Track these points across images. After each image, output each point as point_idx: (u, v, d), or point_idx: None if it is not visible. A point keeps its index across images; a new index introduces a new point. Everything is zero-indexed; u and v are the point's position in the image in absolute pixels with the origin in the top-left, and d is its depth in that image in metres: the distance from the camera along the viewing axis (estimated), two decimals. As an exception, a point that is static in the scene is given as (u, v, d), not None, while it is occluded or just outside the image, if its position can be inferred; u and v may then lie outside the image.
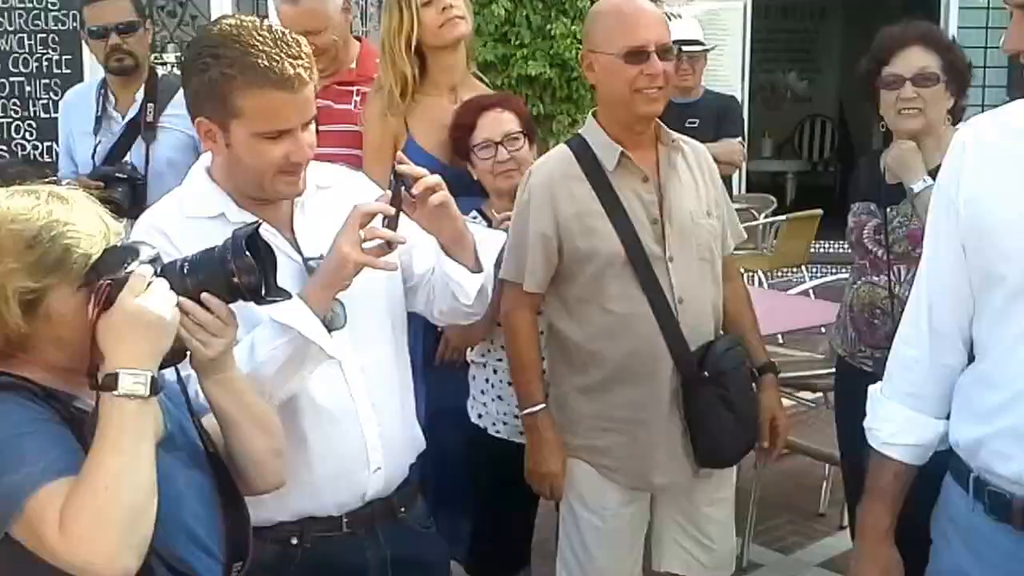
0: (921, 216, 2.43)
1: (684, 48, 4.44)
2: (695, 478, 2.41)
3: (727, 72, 6.90)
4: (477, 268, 1.85)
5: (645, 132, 2.33)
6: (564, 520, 2.46)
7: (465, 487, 2.69)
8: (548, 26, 6.11)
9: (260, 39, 1.65)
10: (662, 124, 2.36)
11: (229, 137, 1.69)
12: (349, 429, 1.80)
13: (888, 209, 2.58)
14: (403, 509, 1.90)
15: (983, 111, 1.72)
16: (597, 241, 2.28)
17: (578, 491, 2.40)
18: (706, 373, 2.30)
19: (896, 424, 1.74)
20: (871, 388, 1.82)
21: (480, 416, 2.66)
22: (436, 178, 1.78)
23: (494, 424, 2.63)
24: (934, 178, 2.39)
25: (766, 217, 6.76)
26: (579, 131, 2.43)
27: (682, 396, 2.32)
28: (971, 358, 1.67)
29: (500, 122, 2.66)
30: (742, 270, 4.22)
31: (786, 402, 3.45)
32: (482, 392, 2.65)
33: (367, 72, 3.09)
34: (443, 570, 2.01)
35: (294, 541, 1.79)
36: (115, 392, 1.30)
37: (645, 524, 2.47)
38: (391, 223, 1.71)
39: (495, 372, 2.62)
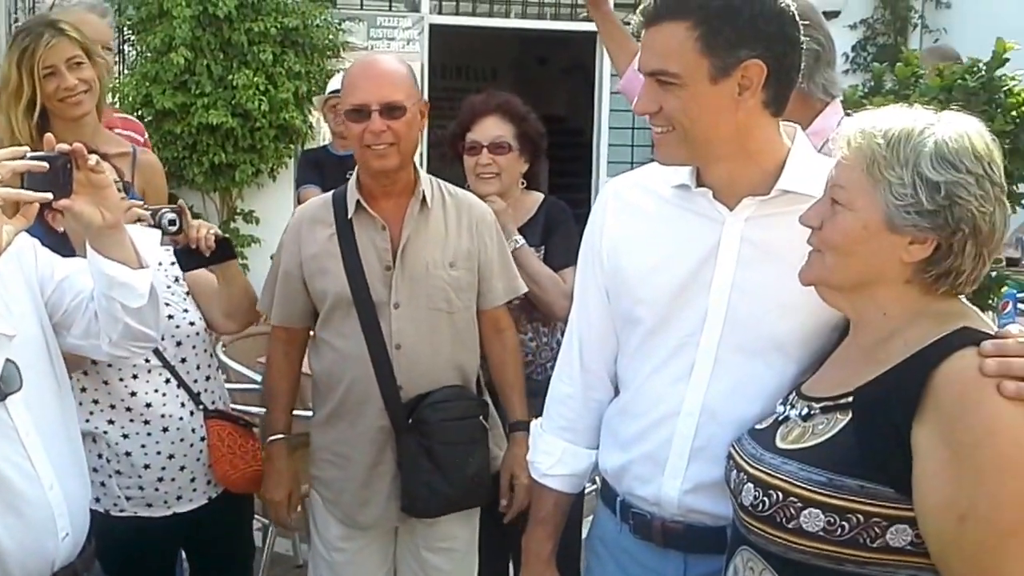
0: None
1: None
2: (418, 522, 2.45)
3: (406, 127, 7.12)
4: (139, 266, 1.79)
5: (390, 184, 2.38)
6: (311, 545, 2.53)
7: None
8: (230, 76, 6.03)
9: None
10: (422, 175, 2.44)
11: None
12: (35, 498, 1.68)
13: None
14: (85, 573, 1.81)
15: (632, 168, 1.91)
16: (329, 282, 2.37)
17: (314, 519, 2.50)
18: (410, 421, 2.35)
19: (554, 457, 1.87)
20: (532, 424, 1.96)
21: (98, 500, 2.29)
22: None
23: (116, 504, 2.34)
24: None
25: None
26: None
27: (394, 441, 2.38)
28: (617, 392, 1.83)
29: None
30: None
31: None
32: (95, 471, 2.29)
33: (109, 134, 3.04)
34: None
35: None
36: None
37: (384, 562, 2.51)
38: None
39: (108, 445, 2.32)
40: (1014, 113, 4.08)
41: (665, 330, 1.68)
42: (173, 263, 2.48)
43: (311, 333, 2.51)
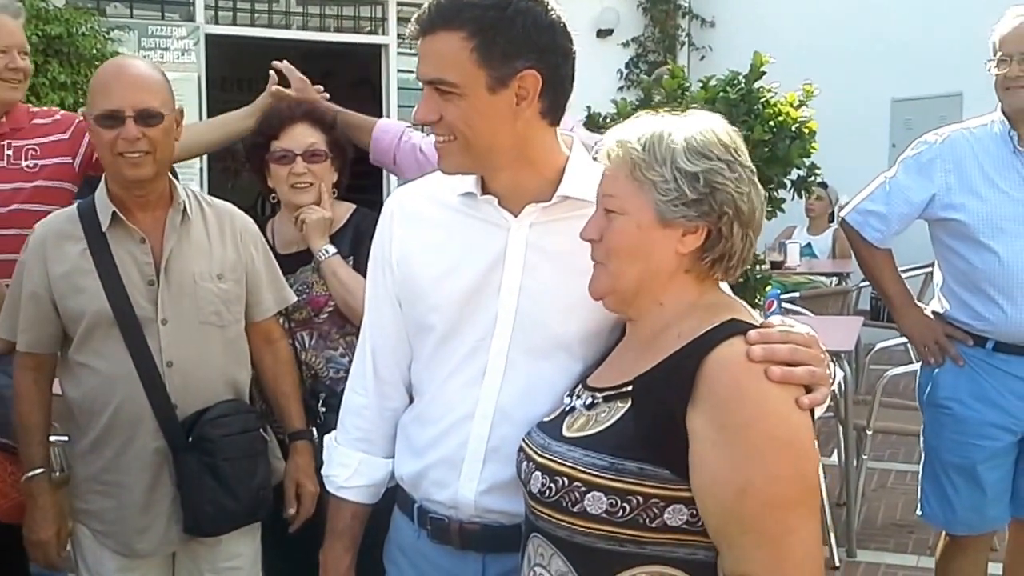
0: (329, 283, 2.61)
1: None
2: (200, 545, 2.36)
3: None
4: None
5: (145, 195, 2.28)
6: None
7: None
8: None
9: None
10: (178, 186, 2.34)
11: None
12: None
13: (286, 278, 2.64)
14: None
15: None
16: (85, 301, 2.23)
17: (82, 556, 2.35)
18: (190, 439, 2.27)
19: (351, 468, 1.86)
20: (327, 438, 1.94)
21: None
22: None
23: None
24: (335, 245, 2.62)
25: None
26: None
27: (172, 461, 2.28)
28: (412, 400, 1.84)
29: None
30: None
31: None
32: None
33: (18, 123, 2.89)
34: None
35: None
36: None
37: None
38: None
39: None
40: (771, 123, 4.42)
41: (457, 335, 1.70)
42: None
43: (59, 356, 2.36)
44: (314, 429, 2.52)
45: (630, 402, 1.45)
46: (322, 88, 2.86)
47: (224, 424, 2.30)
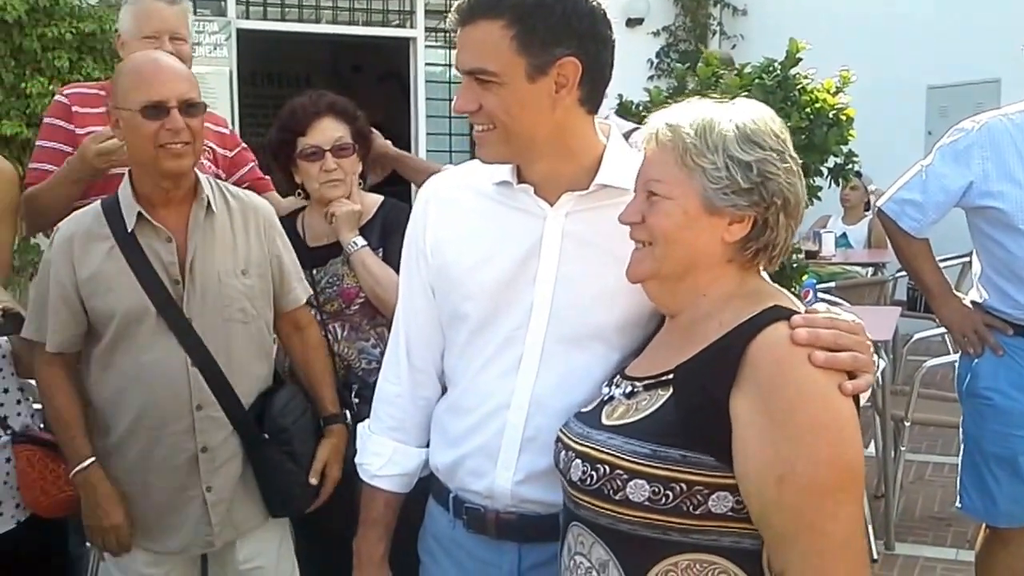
0: (359, 274, 2.61)
1: None
2: (226, 546, 2.36)
3: (217, 135, 6.91)
4: None
5: (174, 190, 2.25)
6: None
7: None
8: (23, 84, 5.72)
9: None
10: (202, 178, 2.31)
11: None
12: None
13: (315, 271, 2.67)
14: None
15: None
16: (114, 300, 2.21)
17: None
18: (266, 435, 2.31)
19: (384, 457, 1.86)
20: (360, 426, 1.94)
21: None
22: None
23: None
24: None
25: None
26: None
27: (246, 456, 2.32)
28: (445, 389, 1.83)
29: None
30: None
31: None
32: None
33: None
34: None
35: None
36: None
37: None
38: None
39: None
40: (808, 110, 4.37)
41: (492, 325, 1.69)
42: None
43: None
44: (347, 413, 2.53)
45: (671, 390, 1.43)
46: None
47: (291, 411, 2.36)
